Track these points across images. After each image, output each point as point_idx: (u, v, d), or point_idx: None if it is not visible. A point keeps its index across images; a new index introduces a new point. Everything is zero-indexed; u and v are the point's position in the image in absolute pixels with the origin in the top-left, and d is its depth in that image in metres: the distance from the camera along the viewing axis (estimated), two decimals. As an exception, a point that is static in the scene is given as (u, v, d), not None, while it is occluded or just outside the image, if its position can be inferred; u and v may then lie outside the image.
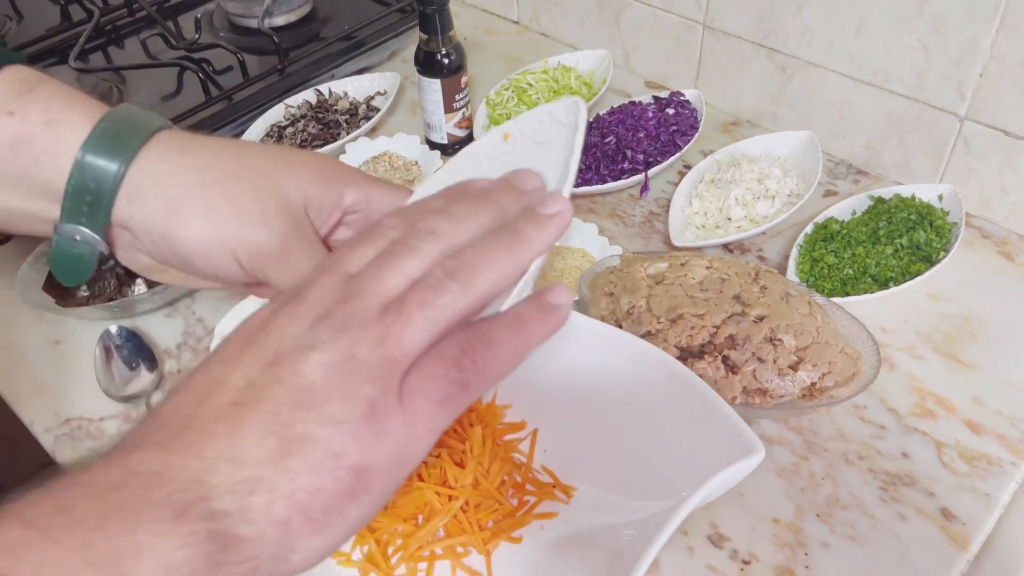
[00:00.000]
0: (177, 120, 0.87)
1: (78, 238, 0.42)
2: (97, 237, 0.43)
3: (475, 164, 0.45)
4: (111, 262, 0.45)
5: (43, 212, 0.43)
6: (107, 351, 0.68)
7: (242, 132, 0.89)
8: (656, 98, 0.89)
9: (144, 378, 0.67)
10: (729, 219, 0.76)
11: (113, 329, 0.69)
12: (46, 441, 0.64)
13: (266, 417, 0.28)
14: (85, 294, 0.71)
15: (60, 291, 0.71)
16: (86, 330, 0.71)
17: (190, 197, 0.42)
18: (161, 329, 0.72)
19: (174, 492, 0.26)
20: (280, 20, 1.02)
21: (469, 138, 0.90)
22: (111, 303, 0.68)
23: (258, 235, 0.42)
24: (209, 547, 0.26)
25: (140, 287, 0.71)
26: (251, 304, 0.68)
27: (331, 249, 0.47)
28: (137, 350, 0.68)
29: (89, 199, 0.41)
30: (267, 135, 0.90)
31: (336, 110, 0.92)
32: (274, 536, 0.27)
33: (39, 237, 0.46)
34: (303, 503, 0.28)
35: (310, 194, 0.44)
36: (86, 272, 0.44)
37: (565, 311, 0.34)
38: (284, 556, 0.28)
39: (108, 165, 0.41)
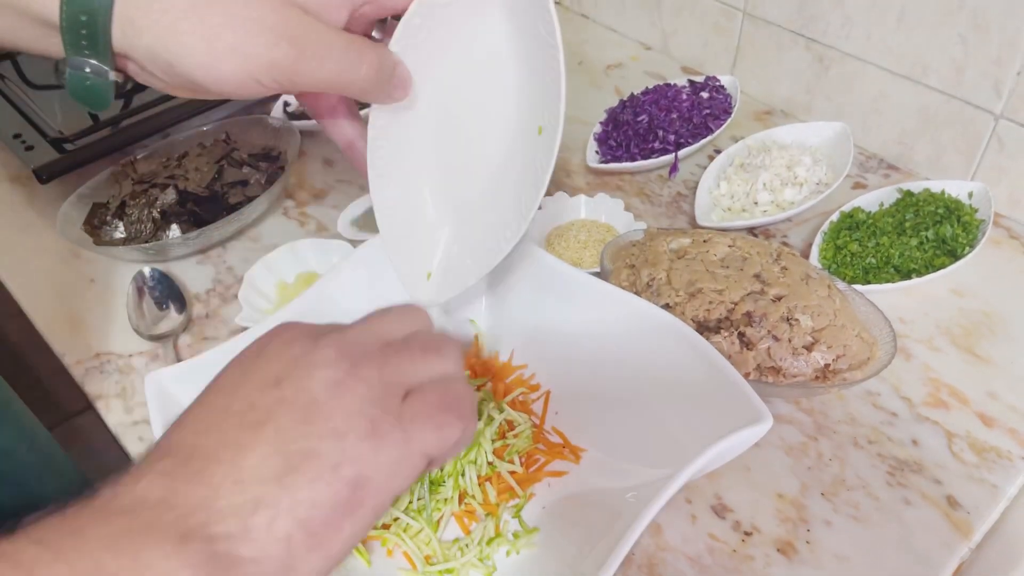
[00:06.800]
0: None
1: (88, 70, 0.40)
2: (106, 68, 0.40)
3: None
4: (129, 84, 0.43)
5: (53, 46, 0.40)
6: (139, 291, 0.70)
7: None
8: (691, 81, 0.89)
9: (173, 319, 0.69)
10: (755, 203, 0.76)
11: (146, 271, 0.71)
12: (77, 373, 0.66)
13: (271, 437, 0.30)
14: (122, 236, 0.73)
15: (97, 230, 0.74)
16: (121, 270, 0.74)
17: (184, 21, 0.38)
18: (192, 274, 0.74)
19: (179, 517, 0.28)
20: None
21: None
22: (146, 245, 0.70)
23: (266, 48, 0.39)
24: (212, 569, 0.27)
25: (175, 232, 0.73)
26: (280, 255, 0.70)
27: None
28: (168, 292, 0.70)
29: (85, 32, 0.39)
30: None
31: None
32: (276, 554, 0.29)
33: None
34: (304, 517, 0.29)
35: None
36: (106, 100, 0.42)
37: None
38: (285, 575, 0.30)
39: None
